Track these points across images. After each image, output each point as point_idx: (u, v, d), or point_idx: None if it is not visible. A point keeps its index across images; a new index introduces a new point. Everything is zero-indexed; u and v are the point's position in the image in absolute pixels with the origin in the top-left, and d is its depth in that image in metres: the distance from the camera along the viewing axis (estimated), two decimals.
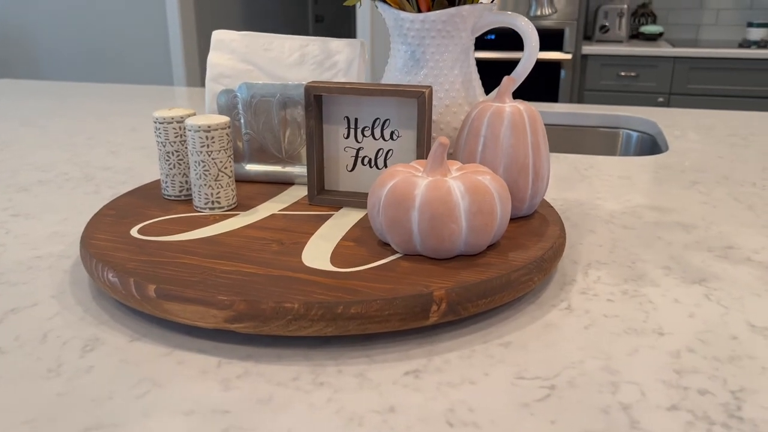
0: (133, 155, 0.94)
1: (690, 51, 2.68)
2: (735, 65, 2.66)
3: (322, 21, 4.86)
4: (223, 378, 0.41)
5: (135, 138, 1.04)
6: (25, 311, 0.49)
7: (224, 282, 0.45)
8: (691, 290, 0.53)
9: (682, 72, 2.72)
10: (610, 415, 0.37)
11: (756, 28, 2.87)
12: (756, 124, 1.16)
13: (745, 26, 3.01)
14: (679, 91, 2.73)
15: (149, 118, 1.20)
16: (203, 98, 1.39)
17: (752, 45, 2.79)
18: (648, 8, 3.11)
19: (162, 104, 1.34)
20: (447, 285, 0.45)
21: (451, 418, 0.37)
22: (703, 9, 3.10)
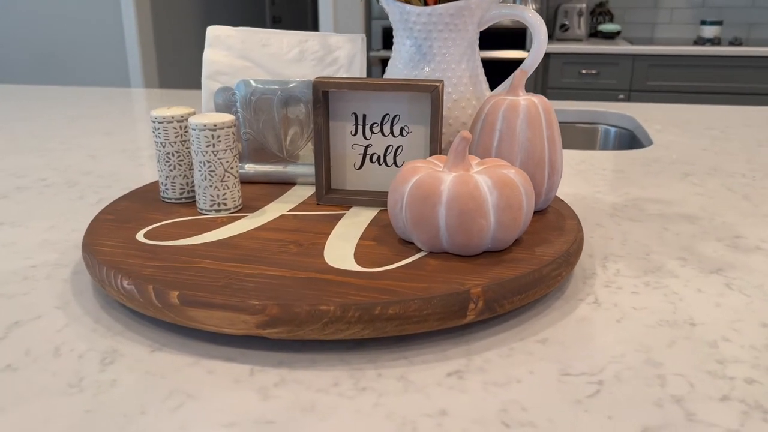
0: (114, 159, 0.90)
1: (649, 48, 2.74)
2: (691, 62, 2.73)
3: (279, 22, 4.81)
4: (259, 387, 0.39)
5: (112, 141, 1.00)
6: (31, 324, 0.46)
7: (251, 286, 0.43)
8: (711, 280, 0.53)
9: (641, 69, 2.77)
10: (664, 408, 0.37)
11: (709, 26, 2.95)
12: (730, 118, 1.19)
13: (699, 24, 3.10)
14: (638, 87, 2.79)
15: (123, 120, 1.16)
16: (169, 100, 1.35)
17: (706, 42, 2.87)
18: (605, 7, 3.17)
19: (129, 107, 1.30)
20: (482, 282, 0.43)
21: (505, 419, 0.36)
22: (658, 8, 3.18)
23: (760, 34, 3.15)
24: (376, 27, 2.97)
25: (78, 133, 1.06)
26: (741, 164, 0.88)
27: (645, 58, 2.77)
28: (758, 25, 3.14)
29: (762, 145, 0.99)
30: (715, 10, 3.11)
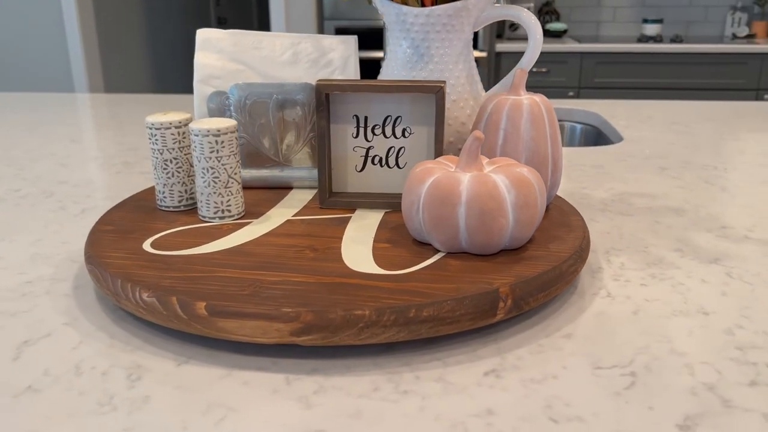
0: (87, 167, 0.87)
1: (596, 47, 2.82)
2: (636, 59, 2.82)
3: (225, 23, 4.74)
4: (299, 396, 0.38)
5: (81, 149, 0.97)
6: (42, 342, 0.44)
7: (279, 294, 0.42)
8: (712, 270, 0.55)
9: (589, 67, 2.85)
10: (700, 396, 0.38)
11: (650, 24, 3.05)
12: (690, 113, 1.23)
13: (641, 23, 3.20)
14: (587, 85, 2.87)
15: (87, 127, 1.12)
16: (133, 105, 1.31)
17: (649, 40, 2.97)
18: (552, 6, 3.25)
19: (90, 113, 1.25)
20: (508, 281, 0.44)
21: (552, 415, 0.36)
22: (601, 7, 3.27)
23: (697, 31, 3.28)
24: (328, 27, 2.96)
25: (42, 141, 1.02)
26: (710, 157, 0.91)
27: (592, 56, 2.85)
28: (695, 23, 3.27)
29: (724, 138, 1.03)
30: (655, 8, 3.22)
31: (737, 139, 1.02)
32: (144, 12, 3.62)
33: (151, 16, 3.70)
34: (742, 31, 3.14)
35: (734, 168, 0.86)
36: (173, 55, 4.02)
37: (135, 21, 3.52)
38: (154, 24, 3.74)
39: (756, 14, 3.23)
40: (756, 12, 3.23)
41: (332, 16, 2.95)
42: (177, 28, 4.05)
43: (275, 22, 2.92)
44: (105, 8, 3.19)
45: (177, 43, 4.06)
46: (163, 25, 3.85)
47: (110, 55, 3.25)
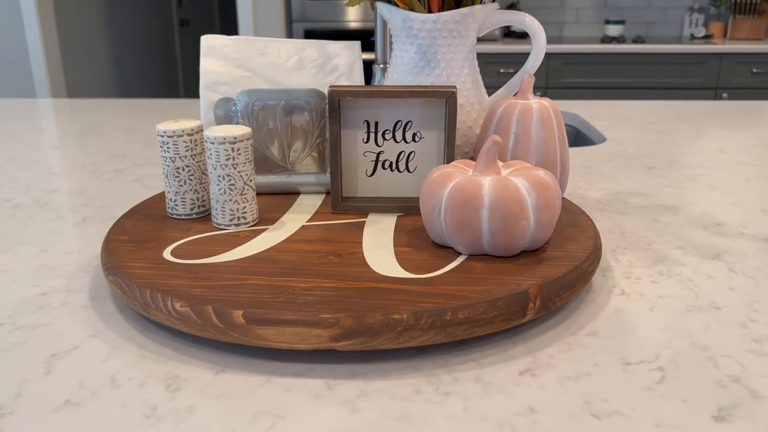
0: (76, 175, 0.85)
1: (561, 47, 2.87)
2: (600, 59, 2.88)
3: (187, 25, 4.68)
4: (343, 400, 0.38)
5: (66, 156, 0.95)
6: (71, 356, 0.43)
7: (313, 300, 0.42)
8: (715, 266, 0.57)
9: (555, 67, 2.90)
10: (728, 388, 0.39)
11: (613, 25, 3.12)
12: (665, 112, 1.27)
13: (603, 23, 3.27)
14: (554, 85, 2.92)
15: (67, 133, 1.10)
16: (110, 110, 1.29)
17: (612, 41, 3.04)
18: (516, 8, 3.29)
19: (70, 120, 1.23)
20: (535, 282, 0.45)
21: (592, 411, 0.37)
22: (564, 8, 3.33)
23: (657, 32, 3.37)
24: (297, 29, 2.95)
25: (23, 148, 0.99)
26: (692, 156, 0.95)
27: (558, 57, 2.90)
28: (655, 23, 3.36)
29: (702, 137, 1.06)
30: (617, 10, 3.29)
31: (714, 137, 1.06)
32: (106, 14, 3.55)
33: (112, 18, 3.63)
34: (699, 31, 3.23)
35: (717, 166, 0.89)
36: (137, 58, 3.96)
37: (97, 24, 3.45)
38: (117, 26, 3.67)
39: (712, 15, 3.34)
40: (712, 13, 3.34)
41: (300, 18, 2.94)
42: (140, 31, 3.99)
43: (243, 24, 2.90)
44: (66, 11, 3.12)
45: (140, 46, 4.00)
46: (125, 27, 3.78)
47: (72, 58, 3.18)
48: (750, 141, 1.03)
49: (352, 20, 3.05)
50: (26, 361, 0.42)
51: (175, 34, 4.52)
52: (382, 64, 0.91)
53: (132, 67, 3.90)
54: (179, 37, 4.57)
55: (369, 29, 3.07)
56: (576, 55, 2.88)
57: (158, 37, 4.25)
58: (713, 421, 0.36)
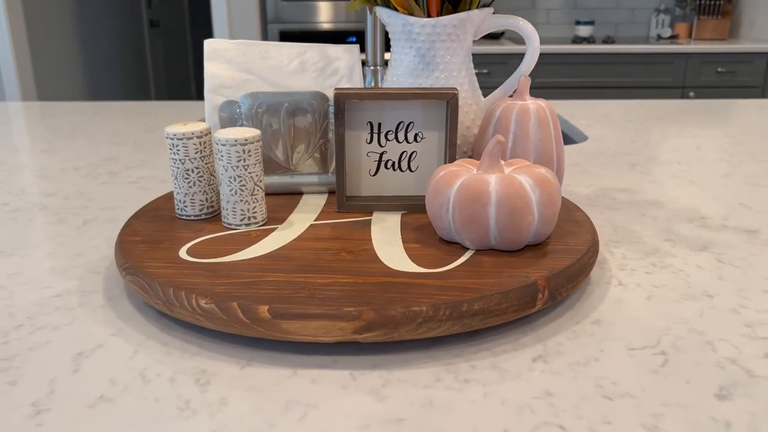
0: (70, 178, 0.86)
1: None
2: (572, 60, 2.94)
3: (157, 26, 4.63)
4: (368, 390, 0.40)
5: (56, 159, 0.95)
6: (97, 354, 0.44)
7: (335, 294, 0.44)
8: (703, 257, 0.60)
9: None
10: (727, 369, 0.42)
11: (583, 25, 3.19)
12: (640, 111, 1.31)
13: (574, 24, 3.34)
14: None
15: (55, 136, 1.10)
16: (85, 113, 1.29)
17: (583, 41, 3.10)
18: None
19: (53, 123, 1.22)
20: (542, 273, 0.47)
21: (604, 393, 0.40)
22: (536, 9, 3.39)
23: (625, 32, 3.44)
24: (272, 30, 2.95)
25: (11, 153, 0.99)
26: (671, 153, 0.98)
27: None
28: (623, 24, 3.44)
29: (678, 135, 1.10)
30: (586, 11, 3.36)
31: (690, 135, 1.10)
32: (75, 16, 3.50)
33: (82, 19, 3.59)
34: (665, 32, 3.32)
35: (696, 163, 0.93)
36: (107, 60, 3.91)
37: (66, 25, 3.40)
38: (86, 28, 3.63)
39: (678, 16, 3.43)
40: (678, 14, 3.42)
41: (275, 20, 2.94)
42: (110, 32, 3.94)
43: (218, 26, 2.89)
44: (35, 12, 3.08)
45: (110, 47, 3.95)
46: (95, 28, 3.74)
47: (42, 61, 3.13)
48: (723, 138, 1.08)
49: (325, 21, 3.06)
50: (53, 360, 0.43)
51: (145, 36, 4.47)
52: (373, 66, 0.93)
53: (102, 68, 3.85)
54: (149, 39, 4.53)
55: (341, 30, 3.08)
56: (548, 55, 2.93)
57: (128, 39, 4.21)
58: (716, 399, 0.39)
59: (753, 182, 0.83)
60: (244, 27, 2.94)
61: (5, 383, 0.41)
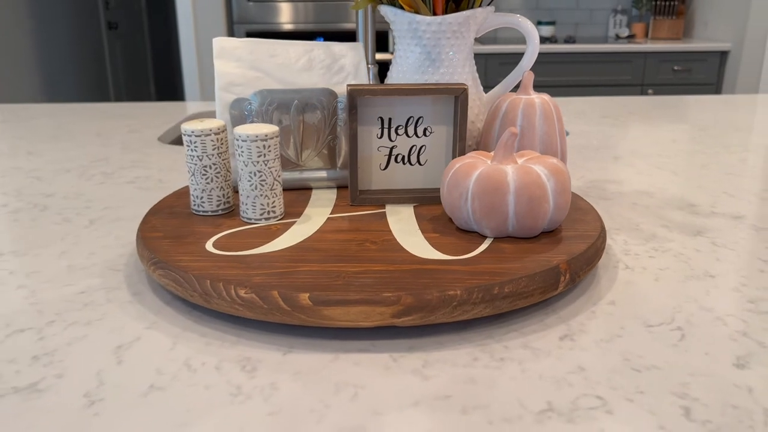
0: (66, 179, 0.85)
1: (498, 48, 2.98)
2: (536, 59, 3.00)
3: (115, 28, 4.55)
4: (411, 370, 0.42)
5: (46, 161, 0.94)
6: (137, 347, 0.45)
7: (370, 282, 0.46)
8: (699, 241, 0.63)
9: (493, 67, 3.00)
10: (739, 342, 0.45)
11: (545, 26, 3.26)
12: (614, 107, 1.36)
13: (536, 24, 3.40)
14: (492, 84, 3.01)
15: (37, 138, 1.08)
16: (38, 114, 1.27)
17: (545, 41, 3.17)
18: None
19: (28, 125, 1.21)
20: (562, 258, 0.50)
21: (633, 366, 0.42)
22: (498, 10, 3.45)
23: (584, 32, 3.53)
24: (238, 31, 2.93)
25: None
26: (650, 146, 1.03)
27: (495, 57, 3.00)
28: (582, 24, 3.52)
29: (655, 129, 1.15)
30: (548, 11, 3.44)
31: (665, 129, 1.15)
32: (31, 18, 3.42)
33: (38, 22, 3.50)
34: (623, 32, 3.41)
35: (675, 155, 0.97)
36: (65, 62, 3.83)
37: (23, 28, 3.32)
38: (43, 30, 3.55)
39: (634, 16, 3.53)
40: (634, 15, 3.53)
41: (241, 20, 2.93)
42: (67, 34, 3.86)
43: (183, 26, 2.86)
44: None
45: (68, 49, 3.87)
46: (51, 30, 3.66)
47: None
48: (695, 132, 1.13)
49: (291, 22, 3.06)
50: (94, 353, 0.44)
51: (103, 37, 4.39)
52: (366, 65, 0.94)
53: (60, 71, 3.77)
54: (108, 40, 4.45)
55: (307, 30, 3.08)
56: (511, 55, 2.99)
57: (86, 41, 4.13)
58: (735, 368, 0.42)
59: (730, 172, 0.88)
60: (211, 27, 2.92)
61: (53, 377, 0.41)
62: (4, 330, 0.47)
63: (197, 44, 2.96)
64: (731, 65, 3.09)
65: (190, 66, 2.99)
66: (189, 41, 2.93)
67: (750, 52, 3.00)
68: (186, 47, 2.96)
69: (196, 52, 2.98)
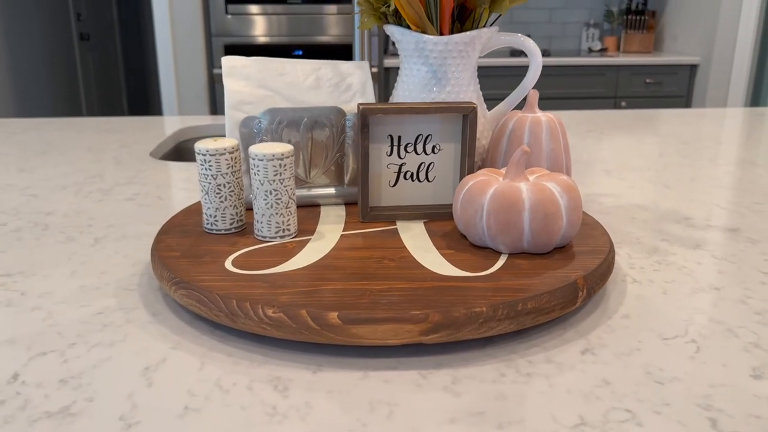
0: (62, 196, 0.84)
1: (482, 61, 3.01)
2: (512, 72, 3.05)
3: (87, 39, 4.50)
4: (441, 387, 0.43)
5: (39, 178, 0.93)
6: (163, 368, 0.45)
7: (396, 299, 0.46)
8: (699, 254, 0.65)
9: None
10: (753, 353, 0.47)
11: None
12: (598, 121, 1.39)
13: None
14: None
15: (25, 156, 1.07)
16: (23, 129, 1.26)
17: (521, 54, 3.22)
18: None
19: (11, 142, 1.19)
20: (579, 273, 0.51)
21: (655, 378, 0.44)
22: None
23: (558, 45, 3.59)
24: (216, 44, 2.92)
25: None
26: (638, 160, 1.05)
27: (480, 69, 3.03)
28: (556, 38, 3.59)
29: (640, 143, 1.18)
30: (522, 25, 3.49)
31: (650, 143, 1.18)
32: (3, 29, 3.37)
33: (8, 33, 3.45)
34: (596, 45, 3.48)
35: (663, 168, 1.00)
36: (36, 73, 3.77)
37: None
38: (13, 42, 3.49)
39: (606, 30, 3.61)
40: (606, 28, 3.60)
41: (219, 33, 2.92)
42: (38, 46, 3.80)
43: (161, 40, 2.84)
44: None
45: (39, 61, 3.81)
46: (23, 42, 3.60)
47: None
48: (678, 145, 1.16)
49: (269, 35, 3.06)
50: (122, 375, 0.44)
51: (75, 49, 4.33)
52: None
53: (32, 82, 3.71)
54: (80, 52, 4.39)
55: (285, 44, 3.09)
56: (488, 68, 3.03)
57: (58, 53, 4.07)
58: (753, 378, 0.44)
59: (719, 185, 0.90)
60: (189, 40, 2.90)
61: (84, 400, 0.41)
62: (26, 353, 0.47)
63: (175, 57, 2.94)
64: (701, 78, 3.17)
65: (168, 79, 2.97)
66: (167, 54, 2.91)
67: (718, 66, 3.08)
68: (164, 60, 2.94)
69: (174, 65, 2.96)
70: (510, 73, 3.03)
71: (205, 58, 3.02)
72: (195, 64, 3.00)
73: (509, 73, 3.03)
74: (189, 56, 2.97)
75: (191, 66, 3.00)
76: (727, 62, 3.06)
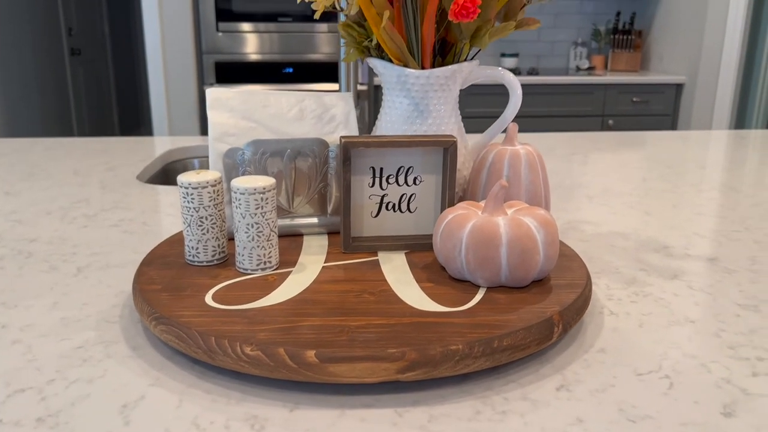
0: (47, 222, 0.84)
1: None
2: (500, 90, 3.08)
3: (78, 54, 4.50)
4: (418, 425, 0.43)
5: (23, 203, 0.93)
6: (141, 405, 0.45)
7: (373, 336, 0.47)
8: (676, 285, 0.66)
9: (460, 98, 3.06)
10: (724, 389, 0.48)
11: (508, 57, 3.34)
12: (582, 144, 1.41)
13: (499, 56, 3.49)
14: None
15: (15, 176, 1.07)
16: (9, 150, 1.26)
17: None
18: None
19: None
20: (555, 308, 0.52)
21: (628, 416, 0.44)
22: None
23: (546, 64, 3.63)
24: (207, 61, 2.94)
25: None
26: (620, 184, 1.06)
27: None
28: (544, 56, 3.62)
29: (623, 167, 1.19)
30: (511, 43, 3.53)
31: (634, 167, 1.19)
32: None
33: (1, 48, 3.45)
34: (583, 63, 3.52)
35: (645, 194, 1.01)
36: (26, 88, 3.76)
37: None
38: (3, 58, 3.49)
39: (594, 49, 3.65)
40: (594, 47, 3.64)
41: (210, 50, 2.93)
42: (29, 59, 3.80)
43: (151, 56, 2.85)
44: None
45: (29, 77, 3.81)
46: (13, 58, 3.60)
47: None
48: (662, 169, 1.17)
49: (260, 52, 3.07)
50: (99, 413, 0.44)
51: (66, 64, 4.33)
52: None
53: (22, 97, 3.70)
54: (71, 67, 4.39)
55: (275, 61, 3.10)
56: (476, 86, 3.05)
57: (48, 68, 4.07)
58: (723, 416, 0.44)
59: (700, 212, 0.92)
60: (179, 56, 2.91)
61: None
62: (5, 390, 0.47)
63: (166, 73, 2.95)
64: (686, 97, 3.21)
65: (158, 96, 2.98)
66: (157, 70, 2.92)
67: (703, 85, 3.12)
68: (154, 77, 2.95)
69: (165, 81, 2.97)
70: (504, 91, 3.05)
71: (196, 75, 3.03)
72: (186, 81, 3.01)
73: (503, 91, 3.05)
74: (180, 73, 2.98)
75: (182, 82, 3.01)
76: (712, 81, 3.10)
